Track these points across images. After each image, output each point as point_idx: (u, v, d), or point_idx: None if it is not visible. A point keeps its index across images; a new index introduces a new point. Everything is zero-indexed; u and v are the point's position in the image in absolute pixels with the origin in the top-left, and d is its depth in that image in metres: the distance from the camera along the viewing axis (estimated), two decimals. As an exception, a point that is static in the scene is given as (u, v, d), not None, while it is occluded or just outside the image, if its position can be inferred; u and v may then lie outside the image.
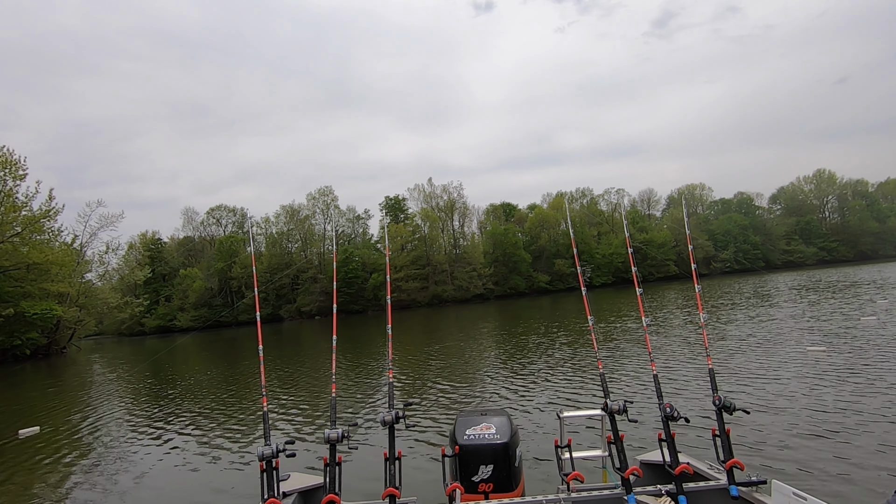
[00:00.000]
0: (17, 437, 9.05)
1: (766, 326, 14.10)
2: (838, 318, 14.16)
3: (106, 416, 10.55)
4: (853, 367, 8.31)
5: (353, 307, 57.52)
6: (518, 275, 64.49)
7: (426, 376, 11.44)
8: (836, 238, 79.17)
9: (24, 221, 31.40)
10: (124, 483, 6.13)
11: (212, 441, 7.64)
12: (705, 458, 3.43)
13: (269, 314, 58.76)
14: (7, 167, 30.46)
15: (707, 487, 2.98)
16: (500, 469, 3.22)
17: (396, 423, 2.98)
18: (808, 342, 10.98)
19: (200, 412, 9.97)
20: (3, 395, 16.26)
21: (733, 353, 10.54)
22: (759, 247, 76.04)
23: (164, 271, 66.54)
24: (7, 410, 12.85)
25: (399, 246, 60.85)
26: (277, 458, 2.88)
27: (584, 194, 78.39)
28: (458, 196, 66.87)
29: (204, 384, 14.23)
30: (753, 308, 19.53)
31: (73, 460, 7.40)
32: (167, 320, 61.41)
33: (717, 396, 3.07)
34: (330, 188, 66.24)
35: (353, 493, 4.05)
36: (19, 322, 30.21)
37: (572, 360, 11.60)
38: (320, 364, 15.38)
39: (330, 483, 2.85)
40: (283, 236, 64.67)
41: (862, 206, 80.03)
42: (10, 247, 30.61)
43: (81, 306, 38.07)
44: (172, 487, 5.87)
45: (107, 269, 47.37)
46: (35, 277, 32.13)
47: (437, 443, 6.29)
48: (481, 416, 3.52)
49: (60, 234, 36.49)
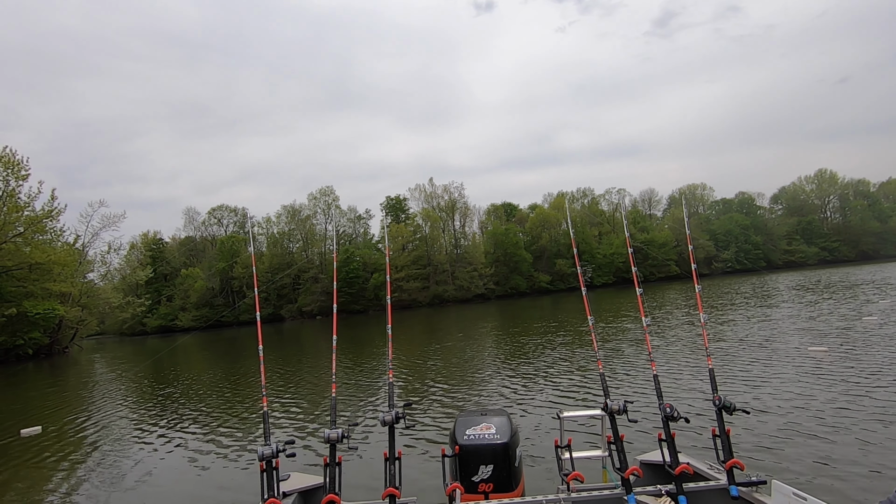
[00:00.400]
0: (20, 437, 9.08)
1: (767, 326, 14.09)
2: (839, 318, 14.15)
3: (108, 416, 10.59)
4: (854, 367, 8.31)
5: (354, 307, 57.58)
6: (519, 275, 64.52)
7: (426, 376, 11.46)
8: (837, 238, 79.03)
9: (27, 222, 31.51)
10: (125, 483, 6.17)
11: (212, 441, 7.67)
12: (705, 458, 3.43)
13: (271, 314, 58.85)
14: (10, 167, 30.59)
15: (707, 487, 2.98)
16: (500, 469, 3.22)
17: (396, 423, 2.98)
18: (809, 342, 10.97)
19: (201, 412, 10.00)
20: (6, 394, 16.33)
21: (734, 353, 10.54)
22: (760, 247, 75.97)
23: (166, 271, 66.70)
24: (9, 410, 12.90)
25: (400, 246, 60.91)
26: (277, 458, 2.88)
27: (585, 194, 78.46)
28: (458, 196, 67.04)
29: (205, 384, 14.27)
30: (754, 308, 19.52)
31: (74, 460, 7.44)
32: (169, 320, 61.56)
33: (717, 396, 3.07)
34: (331, 188, 66.42)
35: (353, 493, 4.06)
36: (22, 322, 30.32)
37: (572, 360, 11.61)
38: (321, 364, 15.42)
39: (330, 483, 2.85)
40: (284, 236, 64.79)
41: (863, 206, 79.92)
42: (12, 247, 30.73)
43: (84, 306, 38.22)
44: (173, 487, 5.90)
45: (109, 269, 47.55)
46: (37, 277, 32.25)
47: (438, 443, 6.29)
48: (481, 416, 3.52)
49: (62, 235, 36.68)
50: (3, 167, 30.37)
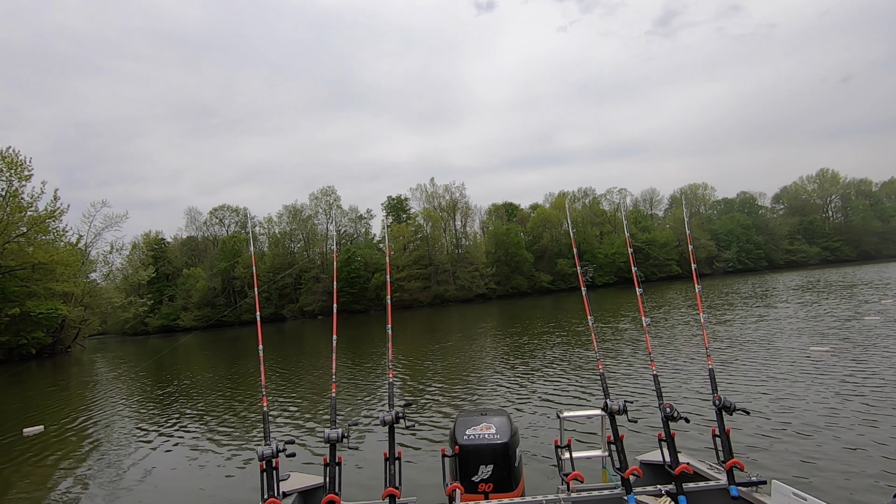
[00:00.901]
0: (22, 436, 9.14)
1: (766, 326, 14.10)
2: (840, 319, 14.13)
3: (109, 416, 10.65)
4: (855, 367, 8.31)
5: (355, 307, 57.64)
6: (520, 275, 64.49)
7: (426, 376, 11.50)
8: (839, 238, 78.79)
9: (30, 222, 31.65)
10: (125, 482, 6.21)
11: (212, 440, 7.71)
12: (705, 458, 3.42)
13: (272, 314, 58.95)
14: (13, 168, 30.71)
15: (707, 488, 2.98)
16: (500, 469, 3.22)
17: (396, 422, 2.99)
18: (810, 342, 10.97)
19: (201, 411, 10.05)
20: (9, 393, 16.43)
21: (734, 353, 10.55)
22: (761, 246, 75.78)
23: (168, 271, 66.81)
24: (12, 409, 12.98)
25: (401, 246, 60.93)
26: (277, 458, 2.88)
27: (587, 194, 78.32)
28: (460, 196, 66.96)
29: (205, 384, 14.33)
30: (754, 308, 19.50)
31: (76, 459, 7.49)
32: (170, 320, 61.67)
33: (717, 396, 3.07)
34: (332, 188, 66.50)
35: (353, 493, 4.07)
36: (25, 321, 30.48)
37: (572, 359, 11.63)
38: (321, 364, 15.46)
39: (330, 483, 2.85)
40: (285, 236, 64.90)
41: (865, 206, 79.67)
42: (15, 247, 30.87)
43: (86, 306, 38.36)
44: (172, 487, 5.92)
45: (111, 269, 47.72)
46: (40, 277, 32.37)
47: (438, 443, 6.30)
48: (481, 416, 3.52)
49: (65, 235, 36.81)
50: (6, 167, 30.52)
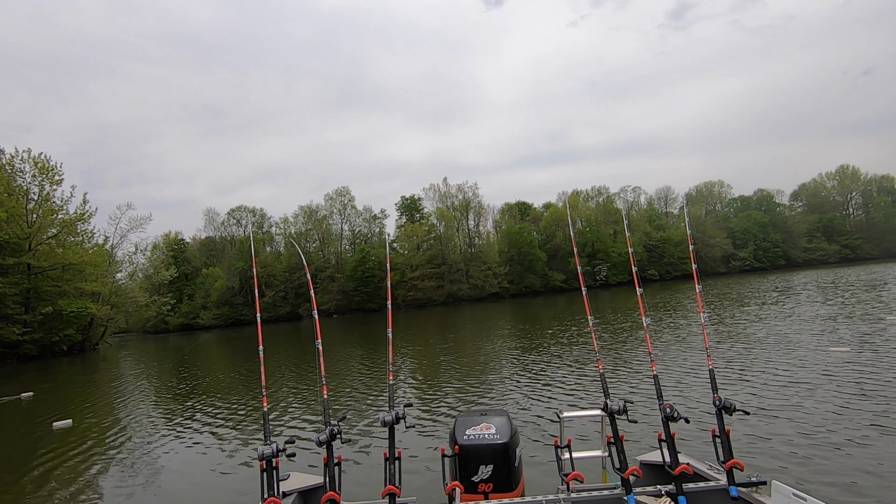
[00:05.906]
0: (52, 430, 9.41)
1: (772, 326, 14.05)
2: (859, 319, 13.82)
3: (133, 412, 11.03)
4: (857, 367, 8.25)
5: (370, 306, 58.53)
6: (533, 273, 64.67)
7: (427, 376, 11.76)
8: (859, 236, 77.21)
9: (61, 224, 33.05)
10: (141, 478, 6.40)
11: (215, 439, 7.76)
12: (705, 458, 3.41)
13: (289, 312, 60.30)
14: (45, 173, 32.13)
15: (707, 488, 2.98)
16: (499, 469, 3.23)
17: (396, 423, 3.00)
18: (829, 342, 10.72)
19: (207, 410, 10.13)
20: (42, 388, 16.93)
21: (734, 353, 10.59)
22: (779, 245, 74.69)
23: (187, 270, 68.57)
24: (44, 404, 13.39)
25: (415, 245, 61.63)
26: (277, 458, 2.89)
27: (600, 192, 77.96)
28: (472, 195, 67.54)
29: (222, 382, 14.68)
30: (761, 307, 19.40)
31: (100, 453, 7.68)
32: (190, 318, 63.43)
33: (717, 397, 3.07)
34: (347, 188, 67.81)
35: (353, 492, 4.16)
36: (57, 319, 31.88)
37: (573, 359, 11.71)
38: (332, 363, 15.38)
39: (330, 482, 2.87)
40: (301, 236, 66.15)
41: (888, 203, 77.74)
42: (47, 248, 32.28)
43: (113, 305, 39.84)
44: (172, 486, 5.95)
45: (135, 269, 49.37)
46: (70, 277, 33.83)
47: (438, 442, 6.30)
48: (481, 416, 3.53)
49: (93, 236, 38.29)
50: (38, 172, 31.95)
